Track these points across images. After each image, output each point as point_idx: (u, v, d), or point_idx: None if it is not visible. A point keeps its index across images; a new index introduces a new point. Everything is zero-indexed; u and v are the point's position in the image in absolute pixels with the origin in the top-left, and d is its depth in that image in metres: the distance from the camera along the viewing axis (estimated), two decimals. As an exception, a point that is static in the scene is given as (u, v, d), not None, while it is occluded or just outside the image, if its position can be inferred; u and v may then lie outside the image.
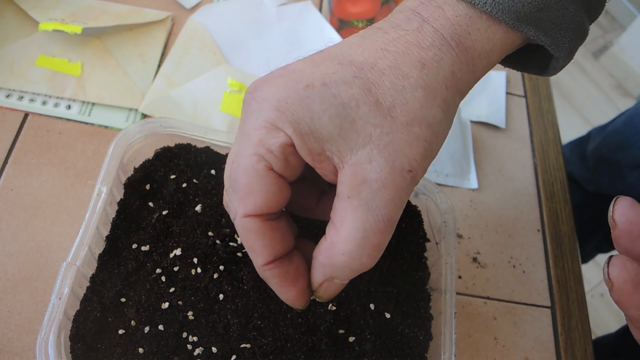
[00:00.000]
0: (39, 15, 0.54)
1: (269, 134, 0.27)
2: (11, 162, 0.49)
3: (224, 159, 0.44)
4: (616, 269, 0.24)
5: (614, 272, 0.24)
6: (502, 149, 0.61)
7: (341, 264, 0.28)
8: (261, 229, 0.28)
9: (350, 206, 0.27)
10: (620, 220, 0.24)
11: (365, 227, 0.27)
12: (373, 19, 0.62)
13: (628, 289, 0.23)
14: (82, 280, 0.37)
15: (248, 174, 0.27)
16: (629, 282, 0.23)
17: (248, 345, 0.36)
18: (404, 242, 0.43)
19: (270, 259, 0.29)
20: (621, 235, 0.24)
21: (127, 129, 0.42)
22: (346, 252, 0.28)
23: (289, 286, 0.30)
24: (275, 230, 0.29)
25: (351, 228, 0.27)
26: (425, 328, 0.40)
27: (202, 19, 0.59)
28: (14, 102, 0.52)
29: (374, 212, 0.27)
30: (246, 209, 0.28)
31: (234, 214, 0.29)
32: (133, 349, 0.35)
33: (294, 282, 0.30)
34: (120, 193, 0.41)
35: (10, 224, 0.46)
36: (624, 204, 0.24)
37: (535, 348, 0.49)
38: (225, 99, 0.53)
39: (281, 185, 0.28)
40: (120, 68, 0.55)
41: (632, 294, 0.24)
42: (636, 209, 0.24)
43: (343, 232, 0.28)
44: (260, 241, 0.29)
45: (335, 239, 0.28)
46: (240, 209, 0.28)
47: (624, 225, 0.24)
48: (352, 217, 0.27)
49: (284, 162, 0.28)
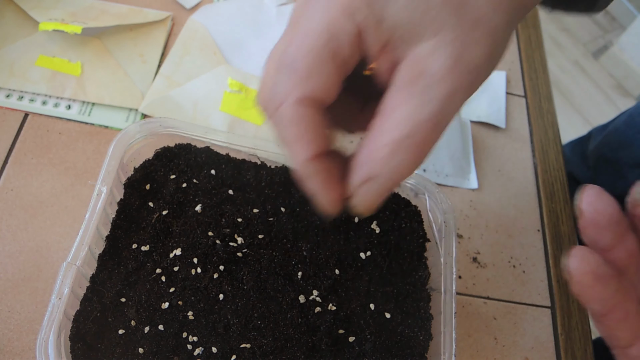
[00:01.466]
0: (39, 15, 0.54)
1: (340, 19, 0.25)
2: (11, 162, 0.49)
3: (224, 159, 0.44)
4: (576, 260, 0.22)
5: (573, 263, 0.22)
6: (502, 149, 0.61)
7: (383, 158, 0.26)
8: (313, 118, 0.26)
9: (404, 96, 0.25)
10: (587, 209, 0.23)
11: (415, 119, 0.25)
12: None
13: (588, 281, 0.22)
14: (82, 280, 0.37)
15: (312, 54, 0.25)
16: (590, 275, 0.22)
17: (248, 345, 0.36)
18: (404, 242, 0.43)
19: (317, 152, 0.26)
20: (587, 225, 0.23)
21: (127, 129, 0.42)
22: (390, 142, 0.25)
23: (332, 184, 0.27)
24: (324, 124, 0.27)
25: (400, 118, 0.25)
26: (425, 328, 0.40)
27: (202, 19, 0.59)
28: (14, 102, 0.52)
29: (428, 105, 0.25)
30: (303, 92, 0.26)
31: (282, 98, 0.26)
32: (133, 349, 0.35)
33: (336, 181, 0.27)
34: (120, 193, 0.41)
35: (10, 224, 0.46)
36: (592, 192, 0.23)
37: (535, 348, 0.49)
38: (225, 99, 0.53)
39: (340, 76, 0.26)
40: (120, 68, 0.55)
41: (592, 286, 0.22)
42: (604, 198, 0.23)
43: (390, 122, 0.25)
44: (310, 132, 0.26)
45: (380, 130, 0.26)
46: (294, 92, 0.26)
47: (591, 214, 0.23)
48: (403, 107, 0.25)
49: (349, 51, 0.26)
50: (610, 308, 0.23)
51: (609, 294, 0.23)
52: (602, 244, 0.23)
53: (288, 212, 0.42)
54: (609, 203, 0.23)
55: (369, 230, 0.43)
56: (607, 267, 0.23)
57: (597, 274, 0.22)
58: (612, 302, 0.23)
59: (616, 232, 0.23)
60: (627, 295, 0.23)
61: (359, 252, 0.42)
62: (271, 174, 0.43)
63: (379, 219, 0.43)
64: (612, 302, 0.23)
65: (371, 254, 0.42)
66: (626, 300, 0.23)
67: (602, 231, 0.23)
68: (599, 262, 0.23)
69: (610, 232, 0.23)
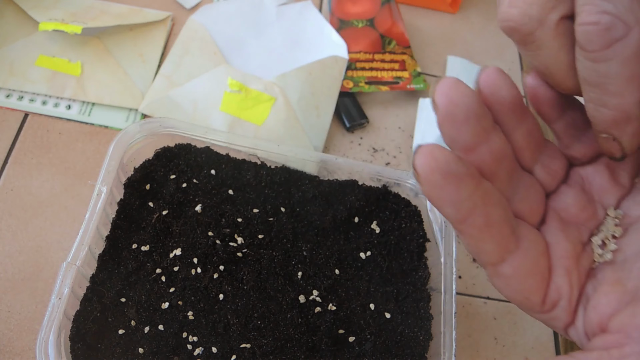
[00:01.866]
0: (39, 15, 0.54)
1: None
2: (11, 162, 0.49)
3: (224, 159, 0.44)
4: (422, 157, 0.19)
5: (419, 160, 0.19)
6: (502, 149, 0.61)
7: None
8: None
9: None
10: (442, 101, 0.19)
11: None
12: (373, 19, 0.62)
13: (437, 180, 0.19)
14: (82, 280, 0.37)
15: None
16: (437, 172, 0.19)
17: (248, 345, 0.36)
18: (404, 242, 0.43)
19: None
20: (444, 121, 0.20)
21: (127, 129, 0.42)
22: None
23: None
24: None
25: None
26: (425, 328, 0.40)
27: (202, 19, 0.59)
28: (14, 102, 0.52)
29: None
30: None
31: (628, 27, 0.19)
32: (133, 349, 0.35)
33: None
34: (120, 193, 0.41)
35: (10, 224, 0.46)
36: (447, 82, 0.19)
37: (535, 348, 0.49)
38: (225, 99, 0.53)
39: None
40: (120, 68, 0.55)
41: (442, 186, 0.19)
42: (460, 88, 0.19)
43: None
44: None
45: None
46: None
47: (446, 107, 0.19)
48: None
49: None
50: (466, 212, 0.20)
51: (464, 195, 0.19)
52: (462, 142, 0.20)
53: (288, 212, 0.42)
54: (467, 94, 0.19)
55: (369, 230, 0.43)
56: (462, 165, 0.19)
57: (447, 172, 0.19)
58: (468, 205, 0.20)
59: (477, 129, 0.20)
60: (488, 199, 0.20)
61: (359, 252, 0.42)
62: (271, 174, 0.43)
63: (379, 219, 0.43)
64: (468, 205, 0.20)
65: (371, 254, 0.42)
66: (487, 204, 0.20)
67: (460, 127, 0.20)
68: (451, 159, 0.19)
69: (469, 127, 0.20)
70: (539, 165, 0.23)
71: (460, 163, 0.19)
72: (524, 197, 0.22)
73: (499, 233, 0.21)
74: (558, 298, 0.22)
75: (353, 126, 0.56)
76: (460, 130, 0.20)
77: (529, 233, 0.22)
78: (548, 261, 0.22)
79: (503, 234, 0.21)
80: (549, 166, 0.23)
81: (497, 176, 0.21)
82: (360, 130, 0.57)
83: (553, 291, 0.22)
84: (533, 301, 0.22)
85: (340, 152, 0.55)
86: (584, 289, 0.23)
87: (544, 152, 0.23)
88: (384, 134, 0.58)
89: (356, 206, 0.43)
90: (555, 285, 0.22)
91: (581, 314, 0.22)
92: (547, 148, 0.23)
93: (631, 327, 0.20)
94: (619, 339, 0.20)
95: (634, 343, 0.19)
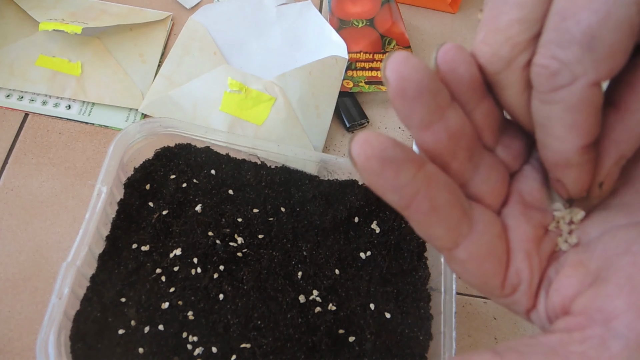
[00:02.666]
0: (39, 15, 0.54)
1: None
2: (11, 162, 0.49)
3: (224, 159, 0.44)
4: (357, 145, 0.18)
5: (355, 148, 0.18)
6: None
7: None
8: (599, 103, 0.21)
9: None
10: (392, 76, 0.18)
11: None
12: (373, 19, 0.62)
13: (374, 167, 0.18)
14: (82, 280, 0.37)
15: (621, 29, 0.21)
16: (374, 159, 0.18)
17: (248, 345, 0.36)
18: (404, 242, 0.43)
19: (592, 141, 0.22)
20: (396, 96, 0.19)
21: (127, 129, 0.42)
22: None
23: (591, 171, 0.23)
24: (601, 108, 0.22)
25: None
26: (425, 328, 0.40)
27: (202, 19, 0.59)
28: (14, 102, 0.52)
29: None
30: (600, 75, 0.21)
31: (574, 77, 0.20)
32: (133, 349, 0.35)
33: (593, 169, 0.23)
34: (120, 193, 0.41)
35: (10, 224, 0.46)
36: (397, 56, 0.18)
37: (535, 348, 0.49)
38: (225, 99, 0.53)
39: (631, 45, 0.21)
40: (120, 68, 0.55)
41: (380, 173, 0.18)
42: (411, 63, 0.18)
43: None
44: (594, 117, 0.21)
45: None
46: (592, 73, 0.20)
47: (397, 82, 0.18)
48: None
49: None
50: (409, 198, 0.19)
51: (405, 180, 0.19)
52: (416, 120, 0.19)
53: (288, 212, 0.42)
54: (419, 68, 0.19)
55: (369, 230, 0.43)
56: (399, 149, 0.19)
57: (384, 158, 0.18)
58: (410, 191, 0.19)
59: (431, 105, 0.19)
60: (433, 183, 0.19)
61: (359, 252, 0.42)
62: (271, 174, 0.43)
63: (379, 219, 0.43)
64: (410, 191, 0.19)
65: (371, 254, 0.42)
66: (432, 188, 0.19)
67: (413, 104, 0.19)
68: (386, 145, 0.18)
69: (422, 104, 0.19)
70: (501, 146, 0.22)
71: (397, 148, 0.19)
72: (485, 178, 0.22)
73: (449, 217, 0.20)
74: (518, 282, 0.22)
75: (353, 126, 0.56)
76: (413, 107, 0.19)
77: (484, 216, 0.21)
78: (506, 244, 0.22)
79: (453, 218, 0.20)
80: (510, 146, 0.22)
81: (456, 156, 0.20)
82: (361, 130, 0.57)
83: (512, 275, 0.21)
84: (492, 285, 0.21)
85: (340, 152, 0.55)
86: (546, 273, 0.22)
87: (505, 132, 0.22)
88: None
89: (356, 206, 0.43)
90: (514, 269, 0.21)
91: (543, 298, 0.22)
92: (508, 128, 0.23)
93: (593, 308, 0.19)
94: (581, 321, 0.19)
95: (596, 325, 0.19)
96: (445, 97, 0.20)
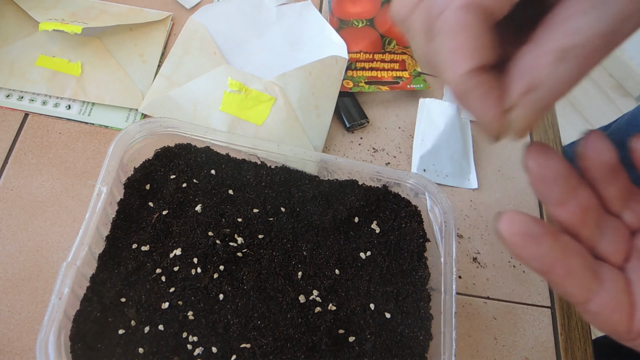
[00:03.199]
0: (39, 15, 0.54)
1: None
2: (11, 162, 0.49)
3: (224, 159, 0.44)
4: (503, 223, 0.23)
5: (501, 227, 0.23)
6: (502, 149, 0.61)
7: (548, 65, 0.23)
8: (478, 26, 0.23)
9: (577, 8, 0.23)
10: (532, 165, 0.23)
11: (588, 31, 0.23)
12: (373, 19, 0.62)
13: (518, 241, 0.23)
14: (82, 280, 0.37)
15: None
16: (518, 235, 0.23)
17: (248, 345, 0.36)
18: (404, 242, 0.43)
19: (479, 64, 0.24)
20: (536, 181, 0.23)
21: (127, 129, 0.42)
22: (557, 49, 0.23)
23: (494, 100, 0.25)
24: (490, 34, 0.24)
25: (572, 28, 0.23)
26: (425, 328, 0.40)
27: (202, 19, 0.59)
28: (14, 102, 0.52)
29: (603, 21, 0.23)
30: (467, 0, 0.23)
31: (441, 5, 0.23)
32: (133, 349, 0.35)
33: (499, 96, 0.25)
34: (120, 193, 0.41)
35: (10, 224, 0.46)
36: (536, 148, 0.23)
37: (535, 348, 0.49)
38: (225, 99, 0.53)
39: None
40: (120, 68, 0.55)
41: (524, 246, 0.23)
42: (547, 153, 0.23)
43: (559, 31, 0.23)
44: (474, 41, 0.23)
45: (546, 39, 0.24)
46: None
47: (536, 170, 0.23)
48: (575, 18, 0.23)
49: None
50: (549, 265, 0.23)
51: (544, 251, 0.23)
52: (553, 199, 0.23)
53: (288, 212, 0.42)
54: (554, 158, 0.23)
55: (369, 230, 0.43)
56: (538, 225, 0.23)
57: (527, 234, 0.22)
58: (549, 259, 0.23)
59: (565, 187, 0.23)
60: (567, 251, 0.23)
61: (359, 252, 0.42)
62: (271, 174, 0.43)
63: (379, 219, 0.43)
64: (549, 259, 0.23)
65: (371, 254, 0.42)
66: (567, 255, 0.23)
67: (550, 186, 0.23)
68: (528, 222, 0.22)
69: (558, 186, 0.23)
70: (628, 210, 0.26)
71: (537, 224, 0.23)
72: (611, 240, 0.25)
73: (581, 278, 0.24)
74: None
75: (353, 126, 0.56)
76: (551, 189, 0.23)
77: (610, 273, 0.25)
78: (630, 297, 0.25)
79: (585, 278, 0.24)
80: (635, 210, 0.26)
81: (585, 225, 0.24)
82: (360, 130, 0.57)
83: (637, 322, 0.24)
84: (620, 331, 0.25)
85: (340, 152, 0.55)
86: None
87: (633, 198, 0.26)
88: (384, 134, 0.58)
89: (356, 206, 0.43)
90: (638, 317, 0.24)
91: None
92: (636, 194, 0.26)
93: None
94: None
95: None
96: (576, 178, 0.24)
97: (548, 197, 0.23)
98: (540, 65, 0.24)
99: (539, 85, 0.24)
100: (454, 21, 0.23)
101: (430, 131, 0.57)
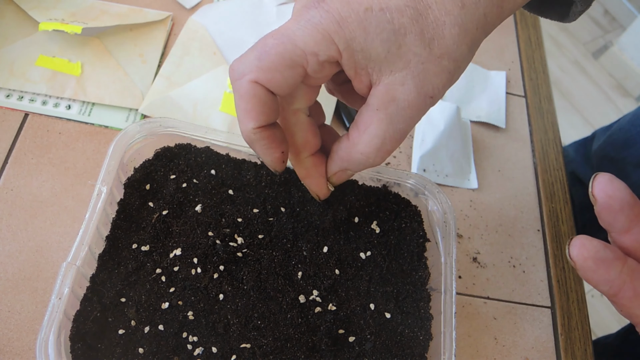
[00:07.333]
0: (39, 15, 0.54)
1: (321, 43, 0.30)
2: (11, 162, 0.49)
3: (224, 159, 0.44)
4: (575, 248, 0.24)
5: (573, 251, 0.24)
6: (502, 149, 0.61)
7: (357, 160, 0.34)
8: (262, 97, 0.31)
9: (377, 117, 0.32)
10: (600, 195, 0.25)
11: (385, 136, 0.32)
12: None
13: (590, 266, 0.24)
14: (82, 280, 0.37)
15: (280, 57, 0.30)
16: (590, 260, 0.24)
17: (248, 345, 0.36)
18: (404, 242, 0.43)
19: (260, 125, 0.33)
20: (602, 210, 0.25)
21: (127, 129, 0.42)
22: (364, 152, 0.33)
23: (273, 149, 0.34)
24: (272, 103, 0.32)
25: (373, 135, 0.33)
26: (425, 328, 0.40)
27: (202, 19, 0.59)
28: (14, 102, 0.52)
29: (395, 126, 0.32)
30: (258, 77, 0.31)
31: (240, 74, 0.31)
32: (133, 349, 0.35)
33: (279, 145, 0.34)
34: (120, 193, 0.41)
35: (10, 224, 0.46)
36: (602, 179, 0.25)
37: (535, 348, 0.49)
38: (225, 99, 0.53)
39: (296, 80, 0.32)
40: (120, 68, 0.55)
41: (595, 270, 0.24)
42: (614, 183, 0.25)
43: (365, 137, 0.33)
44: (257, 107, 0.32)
45: (357, 140, 0.33)
46: (253, 73, 0.31)
47: (603, 200, 0.25)
48: (376, 126, 0.32)
49: (317, 68, 0.31)
50: (617, 288, 0.25)
51: (614, 275, 0.24)
52: (618, 227, 0.25)
53: (288, 212, 0.42)
54: (620, 188, 0.24)
55: (369, 230, 0.43)
56: (609, 250, 0.24)
57: (598, 258, 0.24)
58: (618, 283, 0.24)
59: (630, 215, 0.25)
60: (635, 274, 0.25)
61: (359, 252, 0.42)
62: (271, 174, 0.43)
63: (379, 219, 0.43)
64: (618, 283, 0.24)
65: (371, 254, 0.42)
66: (634, 278, 0.25)
67: (616, 215, 0.25)
68: (599, 247, 0.24)
69: (623, 215, 0.25)
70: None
71: (607, 249, 0.24)
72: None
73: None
74: None
75: (353, 126, 0.56)
76: (616, 218, 0.25)
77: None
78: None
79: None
80: None
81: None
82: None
83: None
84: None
85: (340, 152, 0.55)
86: None
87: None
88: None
89: (356, 206, 0.43)
90: None
91: None
92: None
93: None
94: None
95: None
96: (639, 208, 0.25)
97: (614, 225, 0.25)
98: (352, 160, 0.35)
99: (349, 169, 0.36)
100: (245, 89, 0.31)
101: (430, 131, 0.57)
